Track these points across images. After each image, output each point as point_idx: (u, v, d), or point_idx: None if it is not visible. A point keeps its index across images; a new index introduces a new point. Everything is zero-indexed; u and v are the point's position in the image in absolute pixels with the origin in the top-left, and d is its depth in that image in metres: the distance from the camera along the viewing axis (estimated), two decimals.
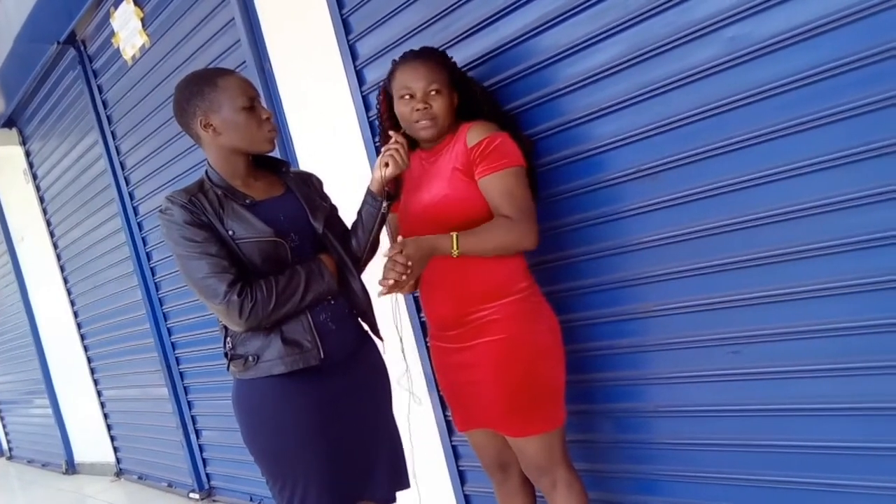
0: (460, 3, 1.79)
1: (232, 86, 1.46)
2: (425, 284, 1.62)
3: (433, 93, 1.53)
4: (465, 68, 1.72)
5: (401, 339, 1.81)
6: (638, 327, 1.64)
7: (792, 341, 1.40)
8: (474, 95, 1.61)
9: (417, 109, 1.53)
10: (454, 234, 1.45)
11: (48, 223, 4.76)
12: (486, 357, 1.52)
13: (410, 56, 1.58)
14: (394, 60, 1.61)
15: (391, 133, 1.58)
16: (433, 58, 1.58)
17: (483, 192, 1.50)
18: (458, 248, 1.45)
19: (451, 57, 1.64)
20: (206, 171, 1.52)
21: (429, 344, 1.83)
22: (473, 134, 1.52)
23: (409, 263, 1.38)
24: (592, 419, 1.79)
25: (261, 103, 1.50)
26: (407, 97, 1.55)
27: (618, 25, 1.50)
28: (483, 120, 1.57)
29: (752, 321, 1.44)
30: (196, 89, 1.46)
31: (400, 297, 2.03)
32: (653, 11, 1.44)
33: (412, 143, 1.63)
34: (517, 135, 1.58)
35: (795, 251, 1.36)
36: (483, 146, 1.49)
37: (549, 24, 1.62)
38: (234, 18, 2.55)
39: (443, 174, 1.55)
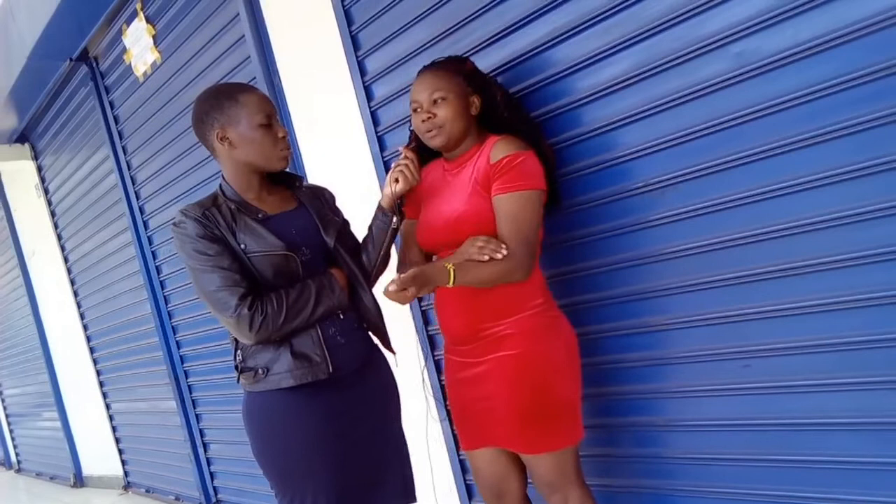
0: (469, 19, 1.81)
1: (251, 102, 1.48)
2: (440, 298, 1.61)
3: (438, 101, 1.52)
4: None
5: (424, 358, 1.79)
6: (650, 340, 1.64)
7: (803, 355, 1.39)
8: (494, 100, 1.59)
9: (424, 120, 1.54)
10: (451, 268, 1.41)
11: (59, 237, 4.79)
12: (501, 372, 1.51)
13: (422, 69, 1.60)
14: None
15: (400, 148, 1.59)
16: (443, 66, 1.58)
17: (494, 209, 1.48)
18: (454, 281, 1.42)
19: (470, 62, 1.62)
20: (220, 185, 1.54)
21: (441, 357, 1.82)
22: (498, 150, 1.50)
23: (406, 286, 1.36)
24: (603, 433, 1.78)
25: (278, 122, 1.52)
26: (417, 110, 1.56)
27: (628, 40, 1.51)
28: (507, 132, 1.55)
29: (764, 335, 1.44)
30: (216, 102, 1.49)
31: (408, 311, 2.04)
32: (662, 27, 1.45)
33: (437, 153, 1.63)
34: (541, 145, 1.57)
35: (806, 265, 1.35)
36: (504, 163, 1.47)
37: (560, 38, 1.63)
38: (244, 35, 2.58)
39: (463, 188, 1.54)
